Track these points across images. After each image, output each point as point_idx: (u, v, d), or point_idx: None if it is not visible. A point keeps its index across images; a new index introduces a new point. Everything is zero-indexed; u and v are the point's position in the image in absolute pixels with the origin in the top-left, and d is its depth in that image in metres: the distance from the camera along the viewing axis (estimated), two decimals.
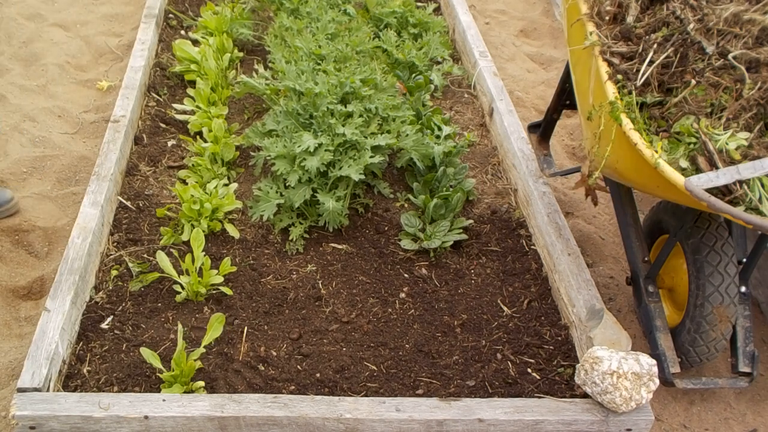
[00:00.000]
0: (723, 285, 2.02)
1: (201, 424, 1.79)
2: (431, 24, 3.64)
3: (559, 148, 3.25)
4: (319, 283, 2.33)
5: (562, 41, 4.09)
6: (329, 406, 1.83)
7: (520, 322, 2.25)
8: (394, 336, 2.17)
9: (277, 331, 2.15)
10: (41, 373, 1.82)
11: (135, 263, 2.31)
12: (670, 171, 1.66)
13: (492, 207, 2.71)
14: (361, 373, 2.04)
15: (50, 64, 3.49)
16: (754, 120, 1.75)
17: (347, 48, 3.04)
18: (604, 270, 2.62)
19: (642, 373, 1.82)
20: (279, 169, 2.40)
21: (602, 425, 1.87)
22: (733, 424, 2.17)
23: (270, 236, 2.49)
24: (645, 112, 1.87)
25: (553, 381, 2.06)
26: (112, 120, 2.80)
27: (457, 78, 3.49)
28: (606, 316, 2.08)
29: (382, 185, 2.70)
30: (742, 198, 1.64)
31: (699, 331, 2.06)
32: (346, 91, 2.61)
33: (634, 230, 2.25)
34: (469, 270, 2.43)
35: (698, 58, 1.83)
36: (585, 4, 2.10)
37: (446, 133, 2.82)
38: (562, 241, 2.36)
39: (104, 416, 1.76)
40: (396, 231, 2.55)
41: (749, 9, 1.82)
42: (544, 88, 3.72)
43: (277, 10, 3.60)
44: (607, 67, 1.93)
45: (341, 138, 2.43)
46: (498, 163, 2.96)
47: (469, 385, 2.02)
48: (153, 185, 2.68)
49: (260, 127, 2.65)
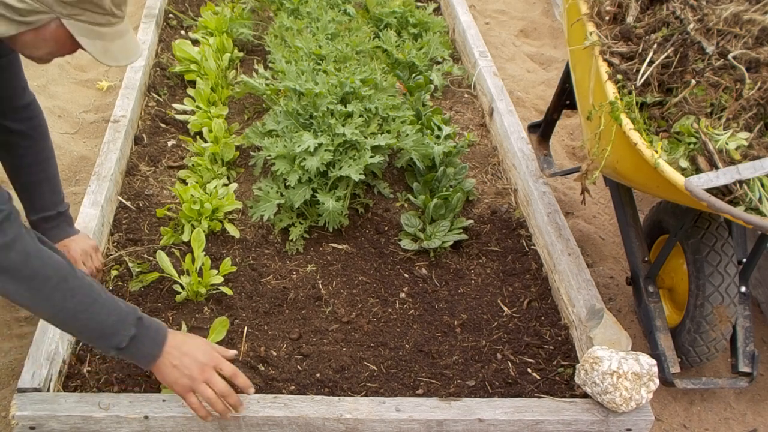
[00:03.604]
0: (723, 285, 2.02)
1: (201, 424, 1.79)
2: (431, 24, 3.64)
3: (559, 148, 3.26)
4: (319, 283, 2.33)
5: (562, 41, 4.09)
6: (329, 406, 1.83)
7: (520, 322, 2.25)
8: (394, 336, 2.17)
9: (277, 331, 2.15)
10: (41, 373, 1.82)
11: (135, 263, 2.31)
12: (670, 171, 1.66)
13: (492, 207, 2.71)
14: (361, 373, 2.04)
15: (50, 64, 3.49)
16: (754, 120, 1.75)
17: (347, 48, 3.04)
18: (604, 270, 2.62)
19: (642, 373, 1.82)
20: (279, 169, 2.40)
21: (602, 425, 1.87)
22: (733, 424, 2.17)
23: (270, 236, 2.49)
24: (645, 112, 1.87)
25: (553, 381, 2.06)
26: (112, 120, 2.81)
27: (457, 78, 3.49)
28: (606, 316, 2.08)
29: (382, 185, 2.70)
30: (742, 198, 1.64)
31: (699, 331, 2.06)
32: (346, 91, 2.61)
33: (634, 230, 2.25)
34: (469, 270, 2.43)
35: (698, 58, 1.83)
36: (585, 4, 2.10)
37: (446, 133, 2.82)
38: (562, 241, 2.36)
39: (104, 416, 1.76)
40: (396, 231, 2.55)
41: (749, 9, 1.82)
42: (544, 88, 3.73)
43: (277, 10, 3.60)
44: (607, 67, 1.93)
45: (341, 138, 2.43)
46: (498, 163, 2.96)
47: (469, 385, 2.02)
48: (153, 185, 2.68)
49: (260, 127, 2.65)
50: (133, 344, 1.60)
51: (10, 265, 1.44)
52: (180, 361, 1.65)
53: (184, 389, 1.66)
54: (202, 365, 1.66)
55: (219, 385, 1.67)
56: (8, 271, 1.44)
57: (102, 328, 1.57)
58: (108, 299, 1.59)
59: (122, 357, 1.65)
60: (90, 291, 1.56)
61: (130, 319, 1.60)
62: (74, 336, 1.63)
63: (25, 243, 1.47)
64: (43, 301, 1.50)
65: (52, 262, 1.51)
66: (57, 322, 1.58)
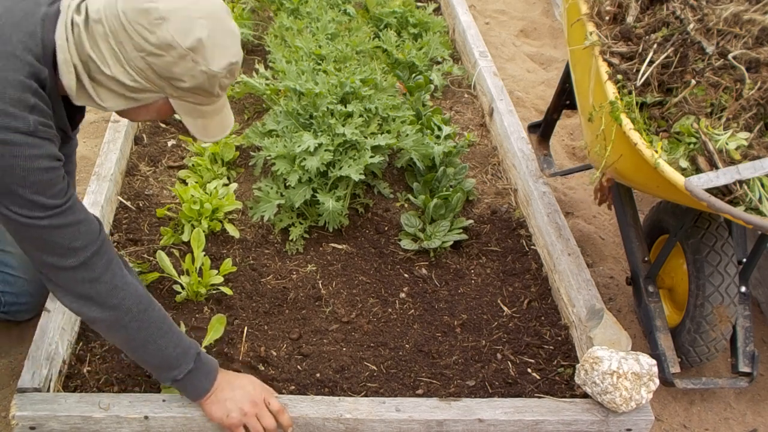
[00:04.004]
0: (723, 285, 2.02)
1: (201, 424, 1.79)
2: (431, 24, 3.64)
3: (559, 148, 3.26)
4: (319, 283, 2.33)
5: (562, 41, 4.09)
6: (329, 406, 1.83)
7: (520, 322, 2.25)
8: (394, 336, 2.17)
9: (277, 331, 2.15)
10: (41, 373, 1.82)
11: (135, 263, 2.31)
12: (670, 171, 1.66)
13: (492, 207, 2.71)
14: (361, 373, 2.04)
15: None
16: (754, 120, 1.75)
17: (347, 48, 3.04)
18: (604, 270, 2.62)
19: (642, 373, 1.82)
20: (279, 169, 2.40)
21: (602, 425, 1.87)
22: (733, 424, 2.17)
23: (270, 236, 2.49)
24: (645, 112, 1.87)
25: (553, 381, 2.06)
26: (112, 120, 2.80)
27: (457, 78, 3.49)
28: (606, 316, 2.08)
29: (382, 185, 2.70)
30: (742, 198, 1.64)
31: (699, 331, 2.06)
32: (346, 91, 2.61)
33: (634, 230, 2.25)
34: (469, 270, 2.43)
35: (698, 58, 1.83)
36: (585, 4, 2.10)
37: (446, 133, 2.82)
38: (562, 241, 2.36)
39: (104, 416, 1.76)
40: (396, 231, 2.55)
41: (749, 9, 1.82)
42: (544, 88, 3.73)
43: (277, 10, 3.60)
44: (607, 67, 1.93)
45: (341, 138, 2.43)
46: (498, 163, 2.96)
47: (469, 385, 2.02)
48: (153, 185, 2.68)
49: (260, 127, 2.65)
50: (188, 378, 1.69)
51: (96, 296, 1.55)
52: (232, 394, 1.73)
53: (234, 423, 1.72)
54: (253, 400, 1.74)
55: (267, 420, 1.74)
56: (95, 301, 1.56)
57: (166, 360, 1.67)
58: (175, 332, 1.69)
59: (175, 387, 1.73)
60: (162, 323, 1.66)
61: (191, 353, 1.69)
62: (137, 362, 1.76)
63: (113, 275, 1.57)
64: (121, 329, 1.61)
65: (136, 294, 1.62)
66: (127, 348, 1.69)
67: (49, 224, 1.46)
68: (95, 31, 1.40)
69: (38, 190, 1.42)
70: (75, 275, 1.52)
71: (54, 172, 1.45)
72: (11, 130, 1.36)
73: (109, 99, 1.47)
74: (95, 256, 1.53)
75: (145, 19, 1.37)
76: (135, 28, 1.37)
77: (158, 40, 1.38)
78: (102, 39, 1.40)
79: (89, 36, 1.41)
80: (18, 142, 1.37)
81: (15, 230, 1.48)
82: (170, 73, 1.42)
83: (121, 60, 1.41)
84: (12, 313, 2.12)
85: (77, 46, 1.42)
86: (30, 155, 1.39)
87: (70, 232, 1.49)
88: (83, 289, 1.54)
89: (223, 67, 1.45)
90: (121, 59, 1.41)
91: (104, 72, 1.42)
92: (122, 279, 1.59)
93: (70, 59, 1.41)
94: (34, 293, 2.08)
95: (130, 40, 1.38)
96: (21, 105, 1.37)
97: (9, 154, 1.37)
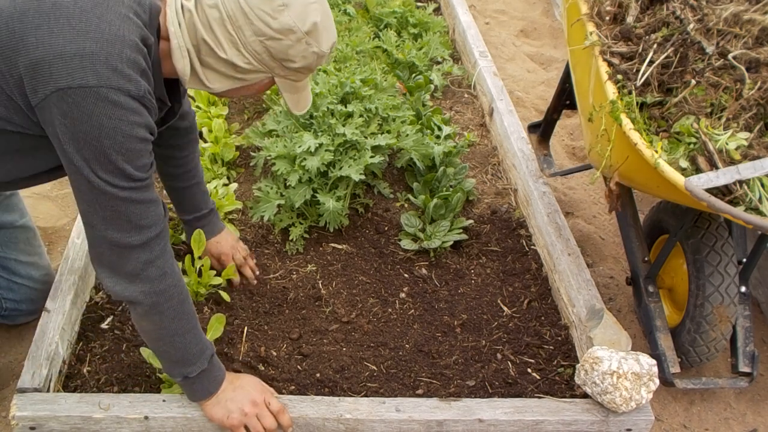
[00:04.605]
0: (723, 285, 2.02)
1: (201, 424, 1.79)
2: (431, 24, 3.64)
3: (559, 148, 3.26)
4: (319, 283, 2.33)
5: (562, 41, 4.09)
6: (329, 407, 1.83)
7: (520, 322, 2.25)
8: (394, 336, 2.17)
9: (277, 331, 2.15)
10: (41, 373, 1.82)
11: None
12: (670, 171, 1.66)
13: (492, 207, 2.71)
14: (361, 373, 2.04)
15: None
16: (754, 120, 1.75)
17: (347, 48, 3.04)
18: (604, 270, 2.62)
19: (642, 373, 1.82)
20: (279, 169, 2.40)
21: (602, 425, 1.87)
22: (733, 424, 2.17)
23: (270, 236, 2.49)
24: (645, 112, 1.87)
25: (553, 381, 2.06)
26: None
27: (457, 78, 3.49)
28: (606, 316, 2.08)
29: (382, 185, 2.70)
30: (742, 198, 1.64)
31: (699, 331, 2.06)
32: (347, 91, 2.61)
33: (634, 230, 2.25)
34: (469, 270, 2.43)
35: (698, 58, 1.83)
36: (585, 4, 2.10)
37: (446, 133, 2.82)
38: (562, 241, 2.36)
39: (104, 417, 1.76)
40: (396, 231, 2.55)
41: (749, 9, 1.82)
42: (544, 88, 3.73)
43: None
44: (607, 67, 1.93)
45: (341, 138, 2.43)
46: (498, 163, 2.96)
47: (469, 385, 2.02)
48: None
49: (260, 127, 2.65)
50: (198, 377, 1.69)
51: (146, 278, 1.54)
52: (233, 395, 1.73)
53: (235, 423, 1.72)
54: (254, 400, 1.74)
55: (268, 420, 1.74)
56: (144, 283, 1.54)
57: (187, 355, 1.66)
58: (199, 330, 1.69)
59: (182, 384, 1.72)
60: (192, 318, 1.66)
61: (207, 354, 1.70)
62: (155, 354, 1.73)
63: (165, 261, 1.57)
64: (157, 314, 1.59)
65: (180, 284, 1.62)
66: (155, 336, 1.64)
67: (127, 196, 1.44)
68: (210, 16, 1.43)
69: (129, 158, 1.40)
70: (133, 254, 1.50)
71: (147, 144, 1.45)
72: (123, 93, 1.35)
73: (216, 81, 1.51)
74: (156, 238, 1.52)
75: (268, 6, 1.41)
76: (257, 14, 1.41)
77: (280, 25, 1.42)
78: (217, 23, 1.43)
79: (202, 20, 1.43)
80: (127, 105, 1.36)
81: (91, 198, 1.43)
82: (285, 55, 1.47)
83: (237, 43, 1.44)
84: (11, 318, 2.13)
85: (189, 31, 1.44)
86: (133, 122, 1.38)
87: (142, 209, 1.48)
88: (136, 268, 1.51)
89: (330, 47, 1.54)
90: (237, 43, 1.44)
91: (218, 55, 1.45)
92: (172, 266, 1.59)
93: (184, 44, 1.44)
94: (36, 299, 2.09)
95: (251, 25, 1.42)
96: (136, 67, 1.37)
97: (116, 116, 1.35)
